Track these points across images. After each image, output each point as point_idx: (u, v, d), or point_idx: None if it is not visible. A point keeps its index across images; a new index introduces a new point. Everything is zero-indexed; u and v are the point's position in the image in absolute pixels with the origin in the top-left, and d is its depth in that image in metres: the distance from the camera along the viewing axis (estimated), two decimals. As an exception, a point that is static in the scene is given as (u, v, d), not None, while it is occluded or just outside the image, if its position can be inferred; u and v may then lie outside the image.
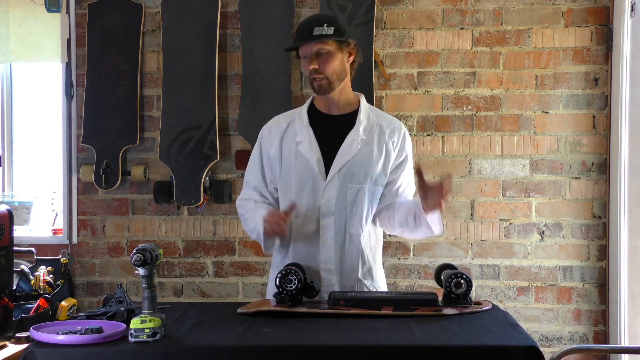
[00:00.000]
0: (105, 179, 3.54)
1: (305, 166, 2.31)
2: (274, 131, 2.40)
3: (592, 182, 3.47)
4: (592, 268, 3.48)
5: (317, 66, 2.25)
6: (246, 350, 1.75)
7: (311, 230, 2.31)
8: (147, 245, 1.84)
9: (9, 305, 2.43)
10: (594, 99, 3.46)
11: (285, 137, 2.37)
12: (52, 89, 3.76)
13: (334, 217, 2.29)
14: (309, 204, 2.31)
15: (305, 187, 2.31)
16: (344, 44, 2.28)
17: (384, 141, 2.35)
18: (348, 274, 2.32)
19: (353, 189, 2.30)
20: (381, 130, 2.36)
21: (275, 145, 2.37)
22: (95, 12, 3.59)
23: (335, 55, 2.26)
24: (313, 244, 2.31)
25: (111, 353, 1.74)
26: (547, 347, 3.45)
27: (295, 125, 2.37)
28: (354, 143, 2.31)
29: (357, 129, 2.33)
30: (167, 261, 3.60)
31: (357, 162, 2.30)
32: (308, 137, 2.32)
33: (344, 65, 2.30)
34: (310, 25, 2.26)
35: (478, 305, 2.12)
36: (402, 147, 2.38)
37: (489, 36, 3.49)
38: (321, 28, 2.23)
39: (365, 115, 2.36)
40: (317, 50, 2.25)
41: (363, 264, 2.34)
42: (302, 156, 2.32)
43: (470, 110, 3.50)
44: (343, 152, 2.30)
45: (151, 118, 3.61)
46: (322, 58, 2.25)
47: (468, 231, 3.51)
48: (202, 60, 3.52)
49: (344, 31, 2.28)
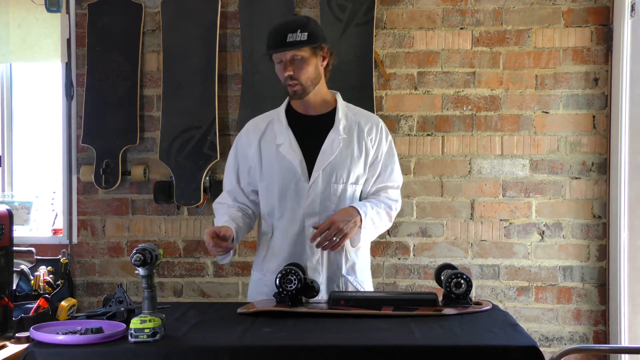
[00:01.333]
0: (105, 179, 3.54)
1: (288, 168, 2.32)
2: (251, 133, 2.42)
3: (592, 182, 3.47)
4: (592, 268, 3.48)
5: (292, 73, 2.26)
6: (246, 350, 1.75)
7: (295, 232, 2.32)
8: (147, 245, 1.84)
9: (9, 305, 2.43)
10: (594, 99, 3.46)
11: (264, 139, 2.38)
12: (52, 89, 3.76)
13: (319, 217, 2.31)
14: (293, 205, 2.32)
15: (288, 189, 2.32)
16: (318, 48, 2.29)
17: (363, 139, 2.37)
18: (332, 271, 2.34)
19: (336, 189, 2.32)
20: (360, 127, 2.37)
21: (254, 147, 2.38)
22: (95, 12, 3.59)
23: (309, 61, 2.27)
24: (298, 244, 2.32)
25: (111, 353, 1.74)
26: (547, 347, 3.45)
27: (274, 127, 2.38)
28: (335, 142, 2.32)
29: (337, 128, 2.34)
30: (167, 261, 3.60)
31: (340, 161, 2.32)
32: (288, 138, 2.34)
33: (318, 70, 2.31)
34: (284, 31, 2.26)
35: (478, 305, 2.12)
36: (379, 144, 2.39)
37: (489, 36, 3.49)
38: (295, 34, 2.24)
39: (344, 114, 2.38)
40: (292, 57, 2.26)
41: (347, 260, 2.36)
42: (284, 158, 2.33)
43: (470, 110, 3.50)
44: (325, 152, 2.32)
45: (151, 118, 3.61)
46: (296, 64, 2.26)
47: (468, 231, 3.51)
48: (202, 60, 3.52)
49: (317, 36, 2.28)
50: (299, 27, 2.26)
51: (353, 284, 2.36)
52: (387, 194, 2.42)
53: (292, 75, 2.26)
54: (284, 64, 2.27)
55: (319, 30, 2.31)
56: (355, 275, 2.38)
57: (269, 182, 2.36)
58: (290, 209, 2.32)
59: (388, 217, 2.41)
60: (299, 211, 2.32)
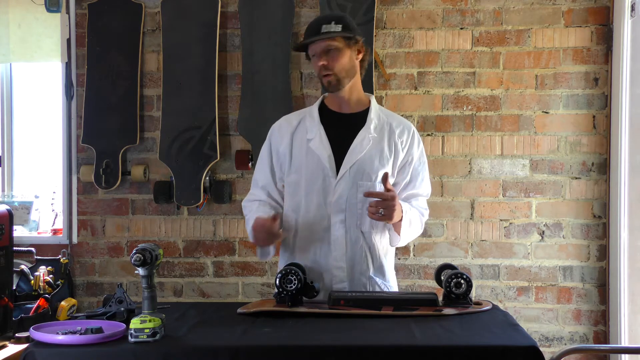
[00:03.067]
0: (105, 179, 3.54)
1: (317, 163, 2.31)
2: (284, 128, 2.41)
3: (592, 182, 3.47)
4: (592, 268, 3.48)
5: (326, 63, 2.26)
6: (246, 350, 1.75)
7: (321, 228, 2.31)
8: (147, 245, 1.84)
9: (9, 305, 2.43)
10: (594, 99, 3.46)
11: (296, 135, 2.37)
12: (52, 89, 3.76)
13: (345, 214, 2.29)
14: (319, 201, 2.31)
15: (315, 184, 2.31)
16: (352, 40, 2.29)
17: (393, 140, 2.35)
18: (359, 271, 2.32)
19: (363, 187, 2.29)
20: (391, 129, 2.37)
21: (286, 142, 2.37)
22: (95, 12, 3.59)
23: (343, 51, 2.27)
24: (323, 241, 2.31)
25: (111, 353, 1.74)
26: (547, 347, 3.45)
27: (306, 123, 2.37)
28: (365, 141, 2.32)
29: (368, 126, 2.33)
30: (167, 261, 3.60)
31: (368, 160, 2.31)
32: (319, 134, 2.33)
33: (352, 62, 2.31)
34: (319, 23, 2.28)
35: (478, 305, 2.12)
36: (410, 147, 2.38)
37: (489, 36, 3.49)
38: (329, 26, 2.25)
39: (376, 114, 2.38)
40: (326, 47, 2.26)
41: (374, 261, 2.34)
42: (313, 153, 2.32)
43: (470, 110, 3.50)
44: (354, 149, 2.31)
45: (151, 118, 3.61)
46: (330, 55, 2.26)
47: (468, 231, 3.51)
48: (202, 60, 3.52)
49: (352, 29, 2.29)
50: (334, 19, 2.28)
51: (380, 286, 2.35)
52: (417, 201, 2.40)
53: (326, 65, 2.26)
54: (318, 56, 2.27)
55: (354, 25, 2.33)
56: (384, 278, 2.36)
57: (296, 177, 2.34)
58: (317, 205, 2.31)
59: (421, 223, 2.40)
60: (325, 207, 2.30)
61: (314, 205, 2.31)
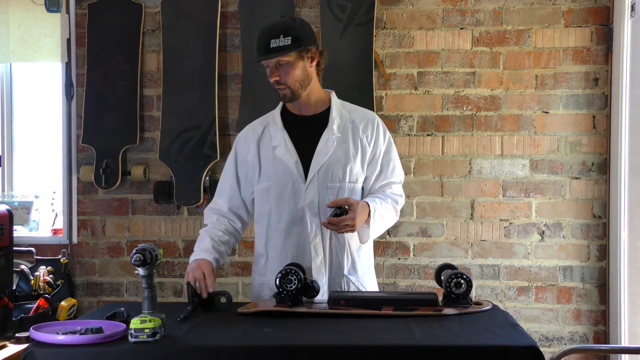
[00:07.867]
0: (105, 179, 3.54)
1: (284, 170, 2.31)
2: (250, 137, 2.41)
3: (592, 182, 3.47)
4: (592, 268, 3.48)
5: (278, 78, 2.26)
6: (246, 350, 1.75)
7: (296, 233, 2.32)
8: (147, 245, 1.84)
9: (8, 305, 2.43)
10: (594, 99, 3.46)
11: (262, 142, 2.38)
12: (52, 89, 3.76)
13: (319, 218, 2.30)
14: (291, 207, 2.31)
15: (285, 191, 2.32)
16: (304, 51, 2.27)
17: (358, 137, 2.35)
18: (336, 272, 2.33)
19: (333, 188, 2.30)
20: (355, 125, 2.36)
21: (253, 151, 2.38)
22: (95, 12, 3.59)
23: (295, 64, 2.26)
24: (299, 246, 2.32)
25: (111, 353, 1.74)
26: (547, 347, 3.45)
27: (270, 130, 2.38)
28: (329, 142, 2.31)
29: (330, 127, 2.33)
30: (167, 261, 3.60)
31: (335, 161, 2.31)
32: (284, 140, 2.33)
33: (306, 72, 2.29)
34: (267, 38, 2.25)
35: (478, 305, 2.12)
36: (376, 141, 2.38)
37: (489, 36, 3.49)
38: (277, 40, 2.22)
39: (338, 113, 2.36)
40: (277, 62, 2.25)
41: (348, 260, 2.35)
42: (280, 160, 2.32)
43: (470, 110, 3.50)
44: (319, 152, 2.31)
45: (151, 118, 3.61)
46: (282, 69, 2.25)
47: (468, 231, 3.51)
48: (202, 60, 3.52)
49: (301, 39, 2.25)
50: (282, 32, 2.23)
51: (355, 284, 2.36)
52: (391, 189, 2.42)
53: (278, 80, 2.26)
54: (270, 69, 2.27)
55: (305, 32, 2.29)
56: (357, 275, 2.37)
57: (266, 185, 2.35)
58: (289, 211, 2.32)
59: (395, 211, 2.41)
60: (297, 213, 2.31)
61: (286, 212, 2.32)
